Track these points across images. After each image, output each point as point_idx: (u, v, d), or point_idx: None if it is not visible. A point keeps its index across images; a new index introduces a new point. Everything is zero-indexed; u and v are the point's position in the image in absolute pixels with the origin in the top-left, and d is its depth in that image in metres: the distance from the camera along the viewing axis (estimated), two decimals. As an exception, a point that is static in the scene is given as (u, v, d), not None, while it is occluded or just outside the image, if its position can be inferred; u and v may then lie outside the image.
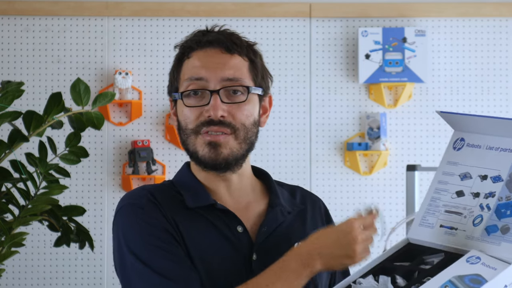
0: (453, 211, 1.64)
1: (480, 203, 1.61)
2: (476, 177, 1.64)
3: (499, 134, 1.64)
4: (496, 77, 4.35)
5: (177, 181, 1.77)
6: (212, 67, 1.69)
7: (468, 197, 1.63)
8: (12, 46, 4.21)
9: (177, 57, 1.76)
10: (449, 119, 1.72)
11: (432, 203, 1.68)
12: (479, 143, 1.67)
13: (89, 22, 4.24)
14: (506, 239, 1.54)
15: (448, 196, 1.66)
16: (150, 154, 4.19)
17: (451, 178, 1.67)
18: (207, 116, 1.69)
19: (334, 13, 4.29)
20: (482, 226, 1.58)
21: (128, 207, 1.69)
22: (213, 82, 1.69)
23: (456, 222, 1.62)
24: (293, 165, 4.27)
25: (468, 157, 1.67)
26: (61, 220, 2.75)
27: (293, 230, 1.77)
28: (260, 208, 1.77)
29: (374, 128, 4.25)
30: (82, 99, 2.69)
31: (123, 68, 4.23)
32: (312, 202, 1.87)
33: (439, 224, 1.65)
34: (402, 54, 4.25)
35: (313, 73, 4.30)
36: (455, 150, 1.70)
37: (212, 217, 1.70)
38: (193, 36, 1.75)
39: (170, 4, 4.24)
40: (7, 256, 2.72)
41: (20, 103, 4.08)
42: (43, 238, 4.16)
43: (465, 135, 1.70)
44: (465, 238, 1.59)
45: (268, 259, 1.67)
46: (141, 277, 1.62)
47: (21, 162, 2.75)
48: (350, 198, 4.28)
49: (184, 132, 1.72)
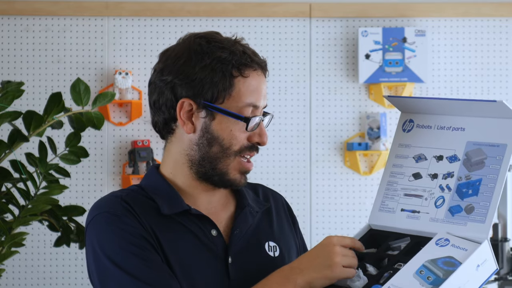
0: (413, 194, 1.63)
1: (440, 184, 1.60)
2: (431, 158, 1.63)
3: (449, 113, 1.63)
4: (496, 77, 4.35)
5: (147, 186, 1.74)
6: (264, 94, 1.73)
7: (426, 178, 1.62)
8: (12, 46, 4.21)
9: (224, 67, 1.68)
10: (397, 102, 1.71)
11: (389, 187, 1.68)
12: (430, 124, 1.66)
13: (89, 22, 4.24)
14: (472, 218, 1.54)
15: (405, 179, 1.65)
16: (150, 154, 4.19)
17: (405, 161, 1.66)
18: (256, 141, 1.71)
19: (334, 13, 4.29)
20: (445, 207, 1.58)
21: (102, 216, 1.66)
22: (261, 109, 1.73)
23: (417, 205, 1.62)
24: (293, 165, 4.27)
25: (420, 138, 1.66)
26: (61, 220, 2.75)
27: (262, 229, 1.78)
28: (230, 210, 1.77)
29: (374, 128, 4.25)
30: (82, 99, 2.69)
31: (123, 68, 4.23)
32: (274, 198, 1.87)
33: (400, 208, 1.64)
34: (402, 54, 4.25)
35: (313, 73, 4.30)
36: (405, 132, 1.69)
37: (187, 222, 1.69)
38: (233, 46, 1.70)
39: (170, 4, 4.24)
40: (7, 256, 2.72)
41: (20, 103, 4.08)
42: (43, 238, 4.16)
43: (414, 116, 1.68)
44: (429, 220, 1.59)
45: (242, 261, 1.69)
46: (119, 284, 1.61)
47: (21, 162, 2.75)
48: (350, 198, 4.28)
49: (223, 151, 1.70)
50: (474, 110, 1.60)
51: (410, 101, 1.68)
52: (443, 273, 1.47)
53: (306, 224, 4.21)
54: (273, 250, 1.76)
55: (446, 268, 1.48)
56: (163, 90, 1.72)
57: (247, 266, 1.70)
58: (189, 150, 1.71)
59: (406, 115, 1.70)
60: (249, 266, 1.70)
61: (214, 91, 1.68)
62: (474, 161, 1.58)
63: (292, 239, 1.83)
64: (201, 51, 1.70)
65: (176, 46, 1.75)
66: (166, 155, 1.76)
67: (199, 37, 1.73)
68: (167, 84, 1.72)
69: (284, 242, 1.79)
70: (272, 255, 1.75)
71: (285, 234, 1.82)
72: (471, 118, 1.61)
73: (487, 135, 1.58)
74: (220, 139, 1.69)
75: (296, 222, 1.89)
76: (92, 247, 1.66)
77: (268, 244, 1.76)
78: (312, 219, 4.24)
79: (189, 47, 1.72)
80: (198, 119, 1.70)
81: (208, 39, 1.71)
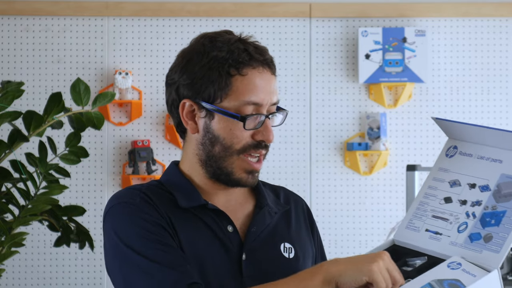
0: (440, 217, 1.66)
1: (467, 211, 1.63)
2: (465, 185, 1.66)
3: (490, 144, 1.67)
4: (496, 77, 4.35)
5: (166, 180, 1.76)
6: (267, 91, 1.69)
7: (455, 204, 1.66)
8: (12, 46, 4.21)
9: (220, 66, 1.68)
10: (444, 126, 1.75)
11: (420, 207, 1.70)
12: (471, 152, 1.70)
13: (89, 22, 4.24)
14: (488, 247, 1.57)
15: (436, 202, 1.68)
16: (150, 154, 4.19)
17: (441, 184, 1.70)
18: (260, 139, 1.70)
19: (334, 13, 4.29)
20: (466, 233, 1.61)
21: (119, 206, 1.67)
22: (266, 107, 1.70)
23: (441, 227, 1.65)
24: (293, 165, 4.27)
25: (459, 165, 1.70)
26: (61, 220, 2.75)
27: (279, 230, 1.78)
28: (248, 209, 1.78)
29: (374, 128, 4.25)
30: (82, 99, 2.69)
31: (123, 68, 4.23)
32: (295, 202, 1.87)
33: (424, 228, 1.67)
34: (402, 54, 4.25)
35: (313, 73, 4.30)
36: (448, 157, 1.73)
37: (204, 217, 1.70)
38: (233, 44, 1.70)
39: (170, 4, 4.24)
40: (7, 256, 2.72)
41: (20, 103, 4.08)
42: (43, 238, 4.16)
43: (458, 143, 1.73)
44: (449, 243, 1.62)
45: (256, 259, 1.69)
46: (139, 268, 1.62)
47: (21, 162, 2.75)
48: (350, 198, 4.27)
49: (225, 150, 1.69)
50: None
51: (457, 126, 1.72)
52: None
53: (306, 224, 4.22)
54: (288, 252, 1.76)
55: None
56: (171, 90, 1.73)
57: (260, 265, 1.70)
58: (197, 150, 1.72)
59: (452, 141, 1.74)
60: (262, 265, 1.71)
61: (211, 90, 1.68)
62: (503, 193, 1.61)
63: (309, 244, 1.83)
64: (202, 51, 1.70)
65: (188, 46, 1.76)
66: (183, 154, 1.78)
67: (204, 37, 1.73)
68: (172, 85, 1.73)
69: (301, 245, 1.79)
70: (287, 256, 1.75)
71: (302, 238, 1.82)
72: (511, 152, 1.64)
73: None
74: (221, 138, 1.70)
75: (314, 227, 1.89)
76: (110, 235, 1.67)
77: (284, 245, 1.76)
78: (312, 219, 4.24)
79: (194, 47, 1.72)
80: (200, 119, 1.71)
81: (212, 39, 1.71)
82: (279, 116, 1.74)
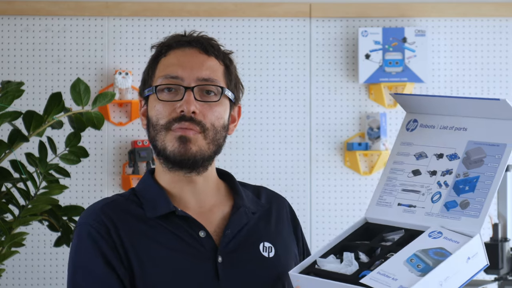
0: (410, 189, 1.67)
1: (438, 181, 1.64)
2: (432, 156, 1.67)
3: (452, 113, 1.68)
4: (496, 77, 4.36)
5: (139, 189, 1.77)
6: (188, 66, 1.72)
7: (425, 175, 1.67)
8: (12, 46, 4.21)
9: (153, 56, 1.78)
10: (402, 100, 1.76)
11: (388, 183, 1.71)
12: (433, 124, 1.71)
13: (89, 22, 4.24)
14: (467, 213, 1.58)
15: (405, 176, 1.69)
16: (150, 154, 4.19)
17: (406, 158, 1.71)
18: (179, 111, 1.69)
19: (334, 13, 4.29)
20: (441, 203, 1.62)
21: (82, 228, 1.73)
22: (188, 80, 1.71)
23: (414, 200, 1.65)
24: (293, 165, 4.27)
25: (422, 137, 1.71)
26: (61, 220, 2.75)
27: (258, 230, 1.77)
28: (225, 211, 1.77)
29: (374, 128, 4.25)
30: (82, 99, 2.69)
31: (123, 68, 4.23)
32: (277, 202, 1.86)
33: (397, 203, 1.67)
34: (402, 54, 4.25)
35: (313, 73, 4.30)
36: (409, 131, 1.74)
37: (172, 227, 1.70)
38: (171, 37, 1.79)
39: (170, 4, 4.24)
40: (7, 256, 2.72)
41: (20, 103, 4.08)
42: (43, 238, 4.16)
43: (418, 116, 1.74)
44: (425, 214, 1.63)
45: (233, 261, 1.69)
46: None
47: (21, 162, 2.75)
48: (350, 198, 4.28)
49: (154, 128, 1.72)
50: (477, 110, 1.64)
51: (415, 99, 1.73)
52: (433, 262, 1.50)
53: (306, 224, 4.21)
54: (268, 251, 1.76)
55: (436, 258, 1.51)
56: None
57: (238, 266, 1.70)
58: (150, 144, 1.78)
59: (410, 115, 1.75)
60: (240, 266, 1.70)
61: (146, 80, 1.76)
62: (473, 159, 1.62)
63: (292, 243, 1.82)
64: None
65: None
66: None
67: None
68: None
69: (282, 244, 1.79)
70: (266, 255, 1.75)
71: (284, 237, 1.81)
72: (474, 119, 1.65)
73: (488, 135, 1.62)
74: (152, 119, 1.73)
75: (298, 227, 1.88)
76: (70, 249, 1.75)
77: (263, 244, 1.76)
78: (312, 219, 4.24)
79: None
80: (146, 110, 1.77)
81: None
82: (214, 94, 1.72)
